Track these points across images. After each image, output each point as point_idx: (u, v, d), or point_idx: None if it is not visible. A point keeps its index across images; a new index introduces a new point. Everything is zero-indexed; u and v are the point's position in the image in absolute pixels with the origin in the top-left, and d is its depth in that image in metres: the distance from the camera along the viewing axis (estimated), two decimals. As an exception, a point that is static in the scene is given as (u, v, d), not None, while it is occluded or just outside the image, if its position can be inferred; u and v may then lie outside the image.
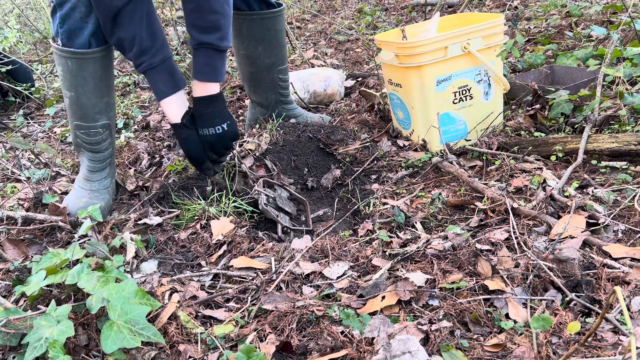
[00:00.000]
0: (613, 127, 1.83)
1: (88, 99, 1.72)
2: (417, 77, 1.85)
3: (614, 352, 0.97)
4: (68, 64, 1.67)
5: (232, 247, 1.53)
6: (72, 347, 1.10)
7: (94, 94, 1.73)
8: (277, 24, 2.10)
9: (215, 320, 1.23)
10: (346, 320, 1.12)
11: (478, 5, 3.86)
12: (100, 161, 1.82)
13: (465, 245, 1.35)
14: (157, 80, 1.64)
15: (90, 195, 1.78)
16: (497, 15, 1.92)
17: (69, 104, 1.75)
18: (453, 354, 1.01)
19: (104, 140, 1.81)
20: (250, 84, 2.23)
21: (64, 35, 1.63)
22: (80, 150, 1.84)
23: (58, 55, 1.69)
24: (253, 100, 2.29)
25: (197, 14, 1.57)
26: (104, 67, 1.72)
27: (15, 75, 3.01)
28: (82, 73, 1.68)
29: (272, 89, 2.21)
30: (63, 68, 1.70)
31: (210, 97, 1.65)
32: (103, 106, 1.76)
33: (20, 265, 1.40)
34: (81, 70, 1.68)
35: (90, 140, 1.79)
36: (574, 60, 2.32)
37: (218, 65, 1.64)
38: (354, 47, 3.60)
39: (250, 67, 2.17)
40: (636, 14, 2.64)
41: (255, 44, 2.10)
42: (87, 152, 1.81)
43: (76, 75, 1.69)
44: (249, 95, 2.29)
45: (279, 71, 2.19)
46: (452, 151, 1.88)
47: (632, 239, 1.31)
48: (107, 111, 1.78)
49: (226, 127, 1.68)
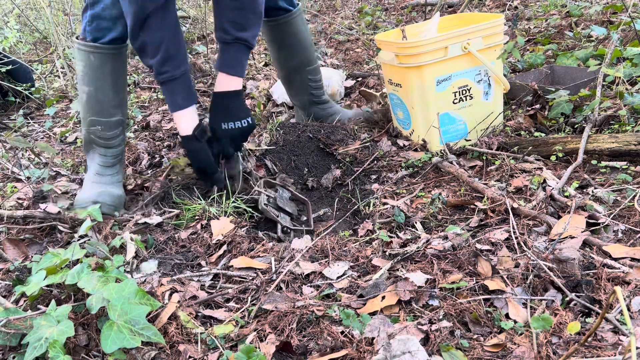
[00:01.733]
0: (613, 127, 1.83)
1: (105, 94, 1.78)
2: (417, 77, 1.85)
3: (614, 352, 0.97)
4: (90, 59, 1.74)
5: (232, 247, 1.53)
6: (72, 347, 1.10)
7: (111, 89, 1.79)
8: (293, 27, 2.11)
9: (215, 320, 1.23)
10: (346, 320, 1.12)
11: (478, 5, 3.86)
12: (113, 156, 1.86)
13: (465, 245, 1.35)
14: (176, 92, 1.65)
15: (107, 186, 1.81)
16: (497, 15, 1.92)
17: (86, 99, 1.80)
18: (453, 354, 1.01)
19: (117, 136, 1.85)
20: (286, 88, 2.31)
21: (90, 33, 1.72)
22: (91, 148, 1.86)
23: (82, 51, 1.75)
24: (294, 104, 2.36)
25: (239, 12, 1.63)
26: (122, 64, 1.80)
27: (15, 75, 3.01)
28: (103, 69, 1.75)
29: (303, 90, 2.24)
30: (85, 63, 1.76)
31: (235, 92, 1.70)
32: (119, 102, 1.82)
33: (20, 265, 1.40)
34: (102, 65, 1.75)
35: (104, 135, 1.82)
36: (574, 60, 2.32)
37: (245, 62, 1.71)
38: (354, 47, 3.60)
39: (279, 71, 2.26)
40: (636, 14, 2.64)
41: (277, 48, 2.16)
42: (101, 147, 1.84)
43: (96, 70, 1.75)
44: (289, 99, 2.37)
45: (308, 72, 2.22)
46: (452, 151, 1.88)
47: (632, 239, 1.31)
48: (121, 107, 1.84)
49: (250, 121, 1.72)
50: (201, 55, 3.58)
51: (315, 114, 2.29)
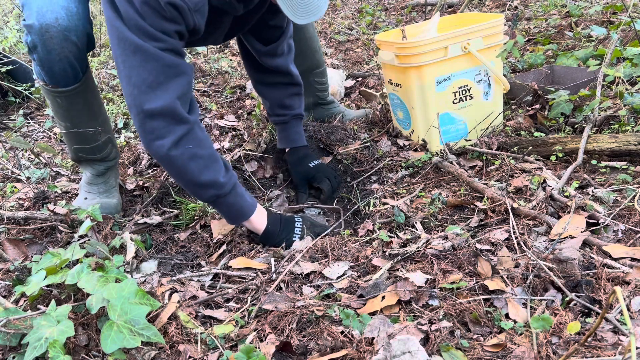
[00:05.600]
0: (613, 127, 1.83)
1: (84, 125, 1.68)
2: (417, 77, 1.85)
3: (614, 352, 0.97)
4: (58, 101, 1.62)
5: (232, 247, 1.53)
6: (72, 347, 1.10)
7: (89, 118, 1.69)
8: (304, 32, 2.11)
9: (215, 320, 1.23)
10: (346, 320, 1.12)
11: (478, 5, 3.86)
12: (106, 167, 1.83)
13: (465, 245, 1.35)
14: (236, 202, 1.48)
15: (101, 196, 1.78)
16: (497, 15, 1.92)
17: (66, 132, 1.71)
18: (453, 354, 1.01)
19: (109, 153, 1.81)
20: None
21: (47, 76, 1.54)
22: (82, 162, 1.82)
23: (47, 92, 1.62)
24: None
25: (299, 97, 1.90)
26: (92, 92, 1.68)
27: (15, 75, 3.01)
28: (75, 106, 1.64)
29: (309, 92, 2.25)
30: (54, 104, 1.64)
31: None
32: (100, 125, 1.73)
33: (20, 265, 1.40)
34: (73, 104, 1.63)
35: (94, 157, 1.78)
36: (574, 60, 2.32)
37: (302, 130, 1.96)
38: (354, 47, 3.60)
39: None
40: (636, 14, 2.64)
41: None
42: (93, 161, 1.80)
43: (69, 109, 1.65)
44: None
45: (315, 74, 2.23)
46: (452, 151, 1.88)
47: (632, 239, 1.31)
48: (104, 127, 1.75)
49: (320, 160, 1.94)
50: (201, 55, 3.58)
51: (320, 114, 2.30)
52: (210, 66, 3.26)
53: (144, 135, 1.34)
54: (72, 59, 1.51)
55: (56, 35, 1.44)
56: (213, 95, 2.93)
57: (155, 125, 1.32)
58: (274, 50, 1.76)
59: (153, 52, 1.27)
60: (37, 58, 1.49)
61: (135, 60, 1.28)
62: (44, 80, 1.56)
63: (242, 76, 3.18)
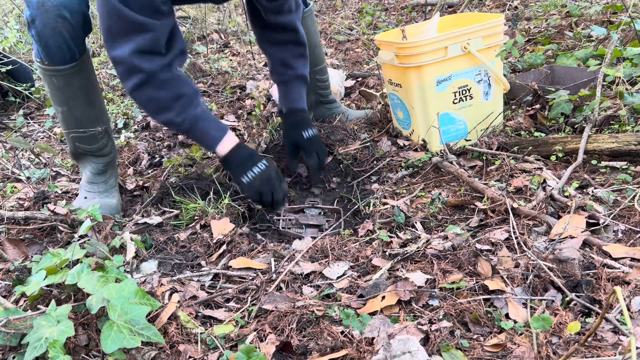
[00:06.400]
0: (613, 127, 1.83)
1: (81, 111, 1.71)
2: (417, 77, 1.85)
3: (614, 352, 0.97)
4: (54, 82, 1.64)
5: (232, 247, 1.53)
6: (72, 347, 1.10)
7: (86, 104, 1.71)
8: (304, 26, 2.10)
9: (215, 320, 1.23)
10: (346, 320, 1.12)
11: (478, 5, 3.86)
12: (104, 164, 1.82)
13: (465, 245, 1.35)
14: (205, 129, 1.62)
15: (101, 195, 1.78)
16: (497, 15, 1.92)
17: (63, 118, 1.72)
18: (453, 354, 1.01)
19: (105, 146, 1.81)
20: None
21: (43, 52, 1.57)
22: (81, 159, 1.83)
23: (43, 72, 1.64)
24: None
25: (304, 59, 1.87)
26: (89, 75, 1.70)
27: (15, 75, 3.01)
28: (71, 87, 1.66)
29: (311, 90, 2.23)
30: (50, 85, 1.66)
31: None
32: (97, 113, 1.75)
33: (20, 265, 1.40)
34: (68, 85, 1.65)
35: (91, 148, 1.78)
36: (574, 60, 2.32)
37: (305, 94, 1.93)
38: (354, 47, 3.60)
39: None
40: (636, 14, 2.64)
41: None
42: (90, 157, 1.80)
43: (64, 90, 1.66)
44: None
45: (315, 72, 2.21)
46: (452, 151, 1.88)
47: (632, 239, 1.31)
48: (102, 117, 1.77)
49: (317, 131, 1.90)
50: (201, 55, 3.58)
51: (322, 113, 2.29)
52: (210, 66, 3.26)
53: (116, 72, 1.54)
54: (67, 36, 1.56)
55: (51, 10, 1.50)
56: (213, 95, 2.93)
57: (118, 70, 1.50)
58: (280, 6, 1.74)
59: (118, 8, 1.40)
60: (35, 33, 1.54)
61: (104, 9, 1.43)
62: (41, 57, 1.60)
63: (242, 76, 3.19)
